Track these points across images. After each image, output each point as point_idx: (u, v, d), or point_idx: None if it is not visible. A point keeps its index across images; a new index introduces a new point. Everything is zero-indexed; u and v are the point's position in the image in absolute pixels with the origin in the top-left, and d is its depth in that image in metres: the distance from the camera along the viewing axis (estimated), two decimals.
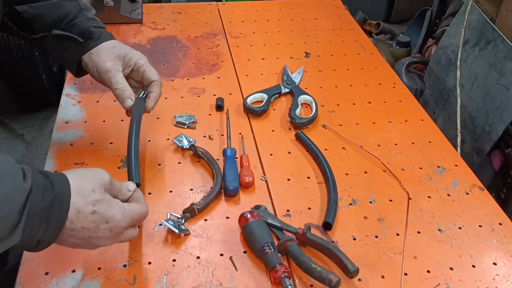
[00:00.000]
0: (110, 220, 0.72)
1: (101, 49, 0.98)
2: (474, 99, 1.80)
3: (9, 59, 2.48)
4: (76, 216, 0.69)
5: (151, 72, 1.01)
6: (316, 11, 1.80)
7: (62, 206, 0.67)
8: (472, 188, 1.06)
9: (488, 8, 1.90)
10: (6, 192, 0.61)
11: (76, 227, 0.69)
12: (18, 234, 0.63)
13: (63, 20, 0.98)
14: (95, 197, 0.71)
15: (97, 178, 0.73)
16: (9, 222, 0.62)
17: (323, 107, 1.28)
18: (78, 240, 0.71)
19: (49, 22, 0.97)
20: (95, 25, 1.00)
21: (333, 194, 0.99)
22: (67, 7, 0.98)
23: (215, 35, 1.61)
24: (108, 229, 0.72)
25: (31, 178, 0.65)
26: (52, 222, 0.67)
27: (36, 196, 0.64)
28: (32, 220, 0.64)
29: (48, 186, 0.66)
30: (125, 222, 0.75)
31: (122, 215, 0.74)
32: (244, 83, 1.37)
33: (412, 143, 1.17)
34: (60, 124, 1.18)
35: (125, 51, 1.00)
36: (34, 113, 2.85)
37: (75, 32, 0.97)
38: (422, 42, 2.78)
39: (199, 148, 1.09)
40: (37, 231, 0.65)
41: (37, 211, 0.64)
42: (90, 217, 0.70)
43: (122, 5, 1.67)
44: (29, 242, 0.66)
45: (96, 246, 0.74)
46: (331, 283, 0.79)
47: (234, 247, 0.89)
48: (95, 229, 0.71)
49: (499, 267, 0.89)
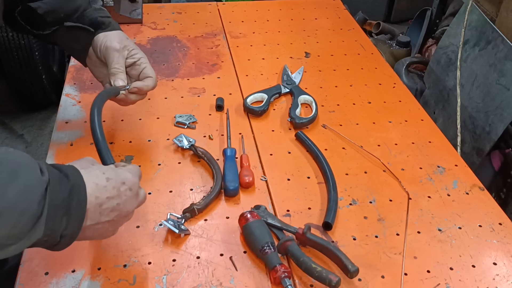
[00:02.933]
0: (124, 180, 0.75)
1: (111, 34, 1.04)
2: (474, 99, 1.80)
3: (9, 59, 2.47)
4: (96, 189, 0.71)
5: (150, 70, 1.05)
6: (316, 11, 1.80)
7: (80, 196, 0.69)
8: (472, 188, 1.06)
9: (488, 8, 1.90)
10: (25, 183, 0.62)
11: (102, 200, 0.71)
12: (41, 227, 0.63)
13: (74, 13, 1.02)
14: (100, 168, 0.75)
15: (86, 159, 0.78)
16: (31, 214, 0.62)
17: (323, 107, 1.28)
18: (109, 215, 0.73)
19: (61, 16, 1.01)
20: (103, 15, 1.05)
21: (333, 194, 0.99)
22: (78, 1, 1.03)
23: (215, 35, 1.61)
24: (128, 189, 0.75)
25: (47, 170, 0.66)
26: (74, 213, 0.67)
27: (54, 188, 0.65)
28: (54, 212, 0.64)
29: (63, 178, 0.67)
30: (136, 177, 0.78)
31: (130, 172, 0.78)
32: (244, 83, 1.37)
33: (412, 143, 1.17)
34: (60, 124, 1.18)
35: (132, 45, 1.05)
36: (34, 113, 2.85)
37: (84, 23, 1.02)
38: (422, 42, 2.78)
39: (199, 148, 1.09)
40: (59, 224, 0.66)
41: (57, 202, 0.65)
42: (108, 184, 0.73)
43: (122, 5, 1.67)
44: (52, 236, 0.66)
45: (126, 214, 0.76)
46: (331, 283, 0.79)
47: (234, 247, 0.89)
48: (118, 194, 0.74)
49: (499, 267, 0.89)
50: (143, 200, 0.81)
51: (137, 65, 1.04)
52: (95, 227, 0.72)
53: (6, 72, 2.58)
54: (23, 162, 0.64)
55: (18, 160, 0.64)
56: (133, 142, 1.13)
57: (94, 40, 1.03)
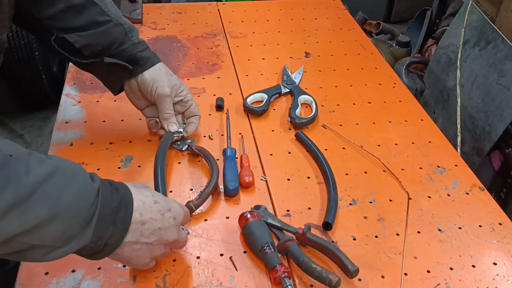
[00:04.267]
0: (171, 208, 0.78)
1: (159, 73, 1.06)
2: (474, 99, 1.80)
3: (9, 59, 2.47)
4: (142, 207, 0.73)
5: (196, 108, 1.12)
6: (316, 11, 1.80)
7: (128, 208, 0.72)
8: (472, 188, 1.06)
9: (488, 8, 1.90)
10: (79, 189, 0.65)
11: (145, 219, 0.74)
12: (89, 232, 0.66)
13: (111, 46, 1.01)
14: (151, 191, 0.78)
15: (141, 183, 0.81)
16: (81, 218, 0.65)
17: (323, 107, 1.28)
18: (149, 237, 0.74)
19: (98, 49, 1.00)
20: (141, 49, 1.05)
21: (333, 194, 0.99)
22: (115, 33, 1.01)
23: (215, 35, 1.61)
24: (172, 218, 0.78)
25: (99, 181, 0.69)
26: (119, 224, 0.70)
27: (106, 197, 0.68)
28: (103, 219, 0.67)
29: (114, 190, 0.71)
30: (182, 210, 0.80)
31: (178, 204, 0.80)
32: (244, 83, 1.37)
33: (412, 143, 1.17)
34: (60, 124, 1.18)
35: (176, 82, 1.09)
36: (34, 113, 2.85)
37: (123, 58, 1.02)
38: (422, 42, 2.78)
39: (195, 146, 1.09)
40: (106, 232, 0.68)
41: (107, 211, 0.68)
42: (155, 207, 0.75)
43: (122, 5, 1.67)
44: (98, 243, 0.68)
45: (165, 242, 0.78)
46: (331, 283, 0.79)
47: (234, 247, 0.89)
48: (161, 219, 0.76)
49: (499, 267, 0.89)
50: (184, 240, 0.83)
51: (184, 103, 1.10)
52: (134, 246, 0.74)
53: (6, 72, 2.58)
54: (76, 169, 0.68)
55: (73, 167, 0.67)
56: (133, 142, 1.13)
57: (142, 81, 1.05)
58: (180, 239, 0.81)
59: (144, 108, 1.12)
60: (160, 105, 1.07)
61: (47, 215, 0.61)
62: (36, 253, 0.64)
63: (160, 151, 1.02)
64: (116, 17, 1.02)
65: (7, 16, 0.87)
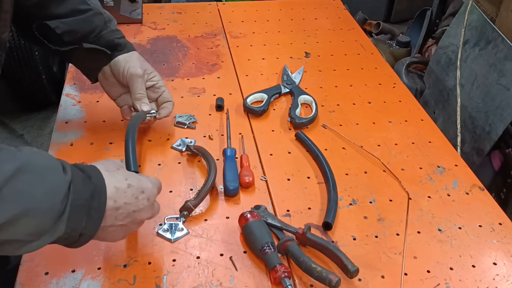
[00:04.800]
0: (144, 189, 0.78)
1: (132, 56, 1.08)
2: (474, 99, 1.80)
3: (9, 59, 2.47)
4: (116, 193, 0.73)
5: (169, 94, 1.13)
6: (316, 11, 1.80)
7: (101, 198, 0.71)
8: (472, 188, 1.06)
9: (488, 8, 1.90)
10: (50, 183, 0.65)
11: (119, 205, 0.74)
12: (62, 225, 0.66)
13: (91, 34, 1.05)
14: (124, 173, 0.77)
15: (113, 161, 0.79)
16: (53, 213, 0.64)
17: (323, 107, 1.28)
18: (123, 220, 0.75)
19: (78, 36, 1.03)
20: (119, 36, 1.09)
21: (333, 194, 0.99)
22: (95, 22, 1.06)
23: (215, 35, 1.61)
24: (146, 199, 0.78)
25: (70, 171, 0.68)
26: (94, 213, 0.70)
27: (78, 188, 0.67)
28: (76, 211, 0.67)
29: (86, 179, 0.70)
30: (155, 188, 0.81)
31: (151, 182, 0.80)
32: (244, 83, 1.37)
33: (412, 143, 1.17)
34: (60, 124, 1.18)
35: (148, 67, 1.11)
36: (34, 113, 2.85)
37: (101, 44, 1.05)
38: (422, 42, 2.78)
39: (194, 146, 1.09)
40: (80, 223, 0.68)
41: (79, 203, 0.67)
42: (128, 191, 0.75)
43: (122, 5, 1.67)
44: (72, 234, 0.68)
45: (138, 222, 0.79)
46: (331, 283, 0.79)
47: (234, 247, 0.89)
48: (135, 202, 0.76)
49: (499, 267, 0.89)
50: (157, 212, 0.83)
51: (156, 88, 1.11)
52: (109, 229, 0.74)
53: (6, 72, 2.57)
54: (48, 163, 0.67)
55: (43, 161, 0.67)
56: None
57: (115, 63, 1.08)
58: (154, 213, 0.82)
59: (118, 96, 1.13)
60: (132, 86, 1.08)
61: (18, 212, 0.60)
62: (9, 248, 0.64)
63: (130, 127, 1.01)
64: (96, 7, 1.07)
65: (9, 15, 0.87)
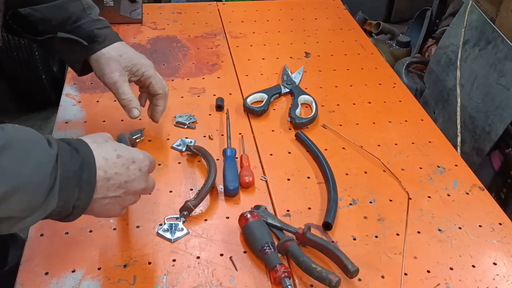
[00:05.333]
0: (135, 159, 0.77)
1: (109, 57, 1.01)
2: (474, 99, 1.80)
3: (9, 59, 2.47)
4: (106, 164, 0.73)
5: (158, 85, 1.04)
6: (316, 11, 1.80)
7: (91, 169, 0.71)
8: (472, 188, 1.06)
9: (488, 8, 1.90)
10: (37, 158, 0.64)
11: (110, 175, 0.73)
12: (54, 199, 0.66)
13: (67, 21, 0.99)
14: (113, 144, 0.76)
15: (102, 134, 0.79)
16: (43, 187, 0.64)
17: (323, 107, 1.28)
18: (116, 191, 0.74)
19: (53, 24, 0.98)
20: (100, 27, 1.02)
21: (333, 194, 0.99)
22: (71, 8, 0.99)
23: (215, 35, 1.61)
24: (138, 169, 0.77)
25: (56, 144, 0.68)
26: (84, 185, 0.70)
27: (65, 161, 0.67)
28: (66, 184, 0.67)
29: (73, 151, 0.70)
30: (147, 159, 0.79)
31: (142, 153, 0.79)
32: (244, 83, 1.37)
33: (412, 143, 1.17)
34: (60, 124, 1.18)
35: (133, 61, 1.02)
36: (34, 113, 2.85)
37: (80, 35, 0.99)
38: (422, 42, 2.78)
39: (193, 146, 1.09)
40: (72, 195, 0.68)
41: (69, 175, 0.67)
42: (118, 161, 0.74)
43: (122, 5, 1.67)
44: (65, 207, 0.68)
45: (133, 193, 0.78)
46: (331, 283, 0.79)
47: (234, 247, 0.89)
48: (126, 172, 0.75)
49: (499, 267, 0.89)
50: (152, 186, 0.82)
51: (143, 81, 1.05)
52: (102, 202, 0.74)
53: (6, 72, 2.58)
54: (32, 138, 0.66)
55: (27, 136, 0.66)
56: None
57: (94, 61, 1.01)
58: (149, 186, 0.81)
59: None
60: (112, 90, 1.03)
61: (8, 190, 0.60)
62: (4, 225, 0.64)
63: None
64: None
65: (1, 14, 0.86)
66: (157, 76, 1.05)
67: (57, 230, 0.90)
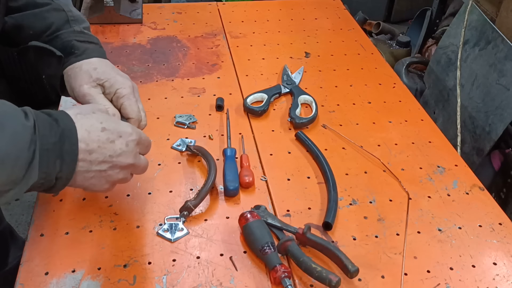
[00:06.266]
0: (122, 133, 0.74)
1: (79, 70, 0.88)
2: (474, 99, 1.80)
3: (9, 59, 2.47)
4: (88, 136, 0.70)
5: (130, 107, 0.88)
6: (316, 11, 1.80)
7: (72, 140, 0.69)
8: (472, 188, 1.06)
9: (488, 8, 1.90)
10: (12, 131, 0.63)
11: (93, 148, 0.71)
12: (35, 171, 0.65)
13: (45, 32, 0.91)
14: (99, 116, 0.73)
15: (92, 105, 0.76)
16: (22, 160, 0.63)
17: (323, 107, 1.28)
18: (100, 165, 0.72)
19: (30, 33, 0.90)
20: (81, 39, 0.91)
21: (333, 194, 0.99)
22: (51, 18, 0.92)
23: (215, 35, 1.61)
24: (124, 144, 0.74)
25: (33, 116, 0.66)
26: (66, 156, 0.68)
27: (44, 132, 0.66)
28: (46, 156, 0.66)
29: (53, 122, 0.68)
30: (136, 135, 0.76)
31: (131, 128, 0.76)
32: (244, 83, 1.37)
33: (412, 143, 1.17)
34: None
35: (107, 76, 0.88)
36: None
37: (56, 46, 0.90)
38: (422, 42, 2.78)
39: (193, 146, 1.09)
40: (53, 167, 0.67)
41: (48, 147, 0.66)
42: (102, 134, 0.72)
43: (122, 5, 1.67)
44: (48, 179, 0.67)
45: (119, 168, 0.75)
46: (331, 283, 0.79)
47: (234, 247, 0.89)
48: (111, 146, 0.72)
49: (499, 267, 0.89)
50: (144, 165, 0.80)
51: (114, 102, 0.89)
52: (86, 175, 0.72)
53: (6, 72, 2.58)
54: (6, 110, 0.65)
55: (2, 109, 0.65)
56: None
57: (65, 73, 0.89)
58: (139, 163, 0.78)
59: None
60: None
61: None
62: None
63: None
64: (59, 3, 0.93)
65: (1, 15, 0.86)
66: (132, 97, 0.88)
67: (57, 230, 0.90)
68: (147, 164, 0.81)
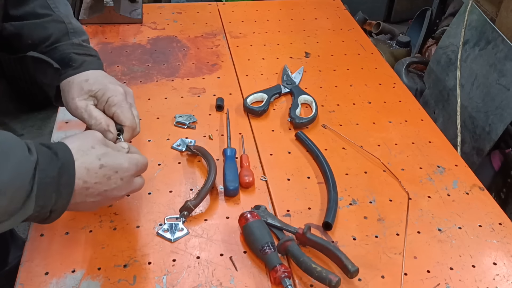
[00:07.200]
0: (118, 169, 0.76)
1: (72, 83, 0.90)
2: (474, 99, 1.80)
3: (9, 59, 2.47)
4: (87, 174, 0.72)
5: (123, 115, 0.88)
6: (316, 11, 1.80)
7: (70, 174, 0.71)
8: (472, 188, 1.06)
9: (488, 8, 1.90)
10: (16, 164, 0.64)
11: (90, 185, 0.73)
12: (31, 204, 0.66)
13: (43, 42, 0.91)
14: (98, 152, 0.75)
15: (91, 136, 0.77)
16: (21, 193, 0.64)
17: (323, 107, 1.28)
18: (95, 197, 0.75)
19: (28, 43, 0.91)
20: (80, 52, 0.92)
21: (333, 194, 0.99)
22: (51, 29, 0.92)
23: (215, 35, 1.61)
24: (119, 178, 0.76)
25: (35, 150, 0.68)
26: (63, 190, 0.70)
27: (44, 167, 0.67)
28: (44, 189, 0.67)
29: (53, 156, 0.69)
30: (132, 168, 0.79)
31: (128, 162, 0.78)
32: (244, 83, 1.37)
33: (412, 143, 1.17)
34: (60, 124, 1.18)
35: (98, 86, 0.89)
36: (34, 113, 2.84)
37: (55, 57, 0.91)
38: (422, 42, 2.78)
39: (193, 146, 1.09)
40: (49, 200, 0.68)
41: (47, 181, 0.67)
42: (100, 172, 0.74)
43: (122, 5, 1.67)
44: (42, 211, 0.68)
45: (112, 198, 0.79)
46: (331, 283, 0.79)
47: (234, 247, 0.89)
48: (107, 182, 0.75)
49: (499, 267, 0.89)
50: (138, 188, 0.83)
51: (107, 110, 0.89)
52: (79, 205, 0.75)
53: (6, 72, 2.57)
54: (11, 143, 0.66)
55: (7, 141, 0.66)
56: (133, 142, 1.13)
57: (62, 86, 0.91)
58: (134, 188, 0.81)
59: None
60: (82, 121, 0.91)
61: None
62: None
63: None
64: (60, 15, 0.94)
65: None
66: (124, 104, 0.89)
67: (57, 230, 0.90)
68: (143, 183, 0.84)
